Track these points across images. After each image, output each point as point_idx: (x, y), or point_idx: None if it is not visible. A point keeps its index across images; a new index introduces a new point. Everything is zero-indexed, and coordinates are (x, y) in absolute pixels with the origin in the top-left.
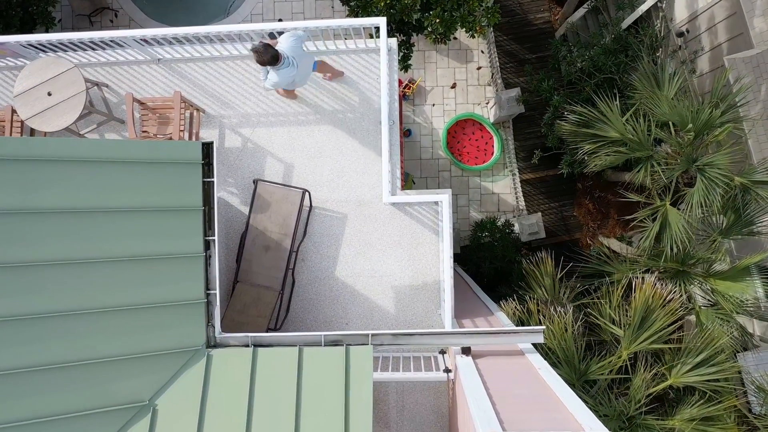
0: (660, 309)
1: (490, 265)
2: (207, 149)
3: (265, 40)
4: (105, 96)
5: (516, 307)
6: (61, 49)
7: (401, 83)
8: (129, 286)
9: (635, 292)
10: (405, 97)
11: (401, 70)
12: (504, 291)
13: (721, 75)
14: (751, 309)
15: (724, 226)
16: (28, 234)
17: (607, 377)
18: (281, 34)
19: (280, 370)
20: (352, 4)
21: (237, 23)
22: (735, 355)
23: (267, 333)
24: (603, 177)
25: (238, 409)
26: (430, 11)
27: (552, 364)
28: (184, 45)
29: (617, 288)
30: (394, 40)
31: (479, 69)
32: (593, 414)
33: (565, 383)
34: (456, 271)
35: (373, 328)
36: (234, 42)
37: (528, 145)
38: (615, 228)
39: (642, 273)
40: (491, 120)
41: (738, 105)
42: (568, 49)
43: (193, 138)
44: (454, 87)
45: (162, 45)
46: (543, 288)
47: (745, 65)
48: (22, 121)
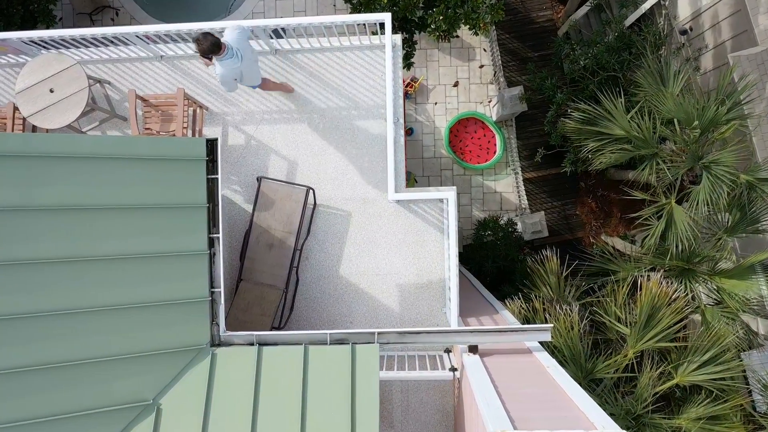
0: (666, 307)
1: (492, 264)
2: (211, 146)
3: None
4: (107, 93)
5: (522, 306)
6: (64, 46)
7: (403, 82)
8: (133, 284)
9: (641, 290)
10: (407, 96)
11: (403, 68)
12: (507, 290)
13: (727, 72)
14: (756, 307)
15: (729, 224)
16: (30, 232)
17: (614, 376)
18: (285, 30)
19: (285, 369)
20: (354, 1)
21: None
22: (739, 354)
23: (272, 331)
24: (605, 175)
25: (243, 409)
26: (433, 8)
27: (558, 362)
28: (188, 42)
29: (622, 286)
30: (398, 36)
31: (481, 67)
32: (605, 412)
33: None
34: (459, 270)
35: (378, 326)
36: None
37: (530, 144)
38: (618, 226)
39: (647, 271)
40: (494, 118)
41: (743, 102)
42: (570, 47)
43: (196, 135)
44: (456, 85)
45: (165, 42)
46: (548, 286)
47: (750, 63)
48: (24, 119)
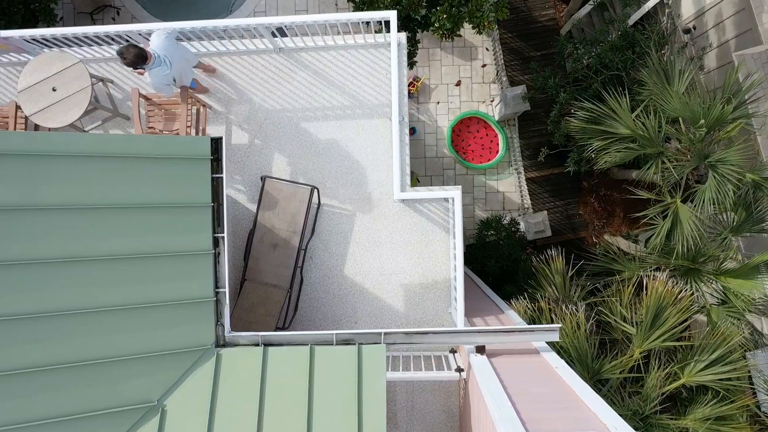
0: (672, 307)
1: (495, 264)
2: (216, 145)
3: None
4: (110, 92)
5: (527, 306)
6: (66, 45)
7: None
8: (136, 284)
9: (647, 289)
10: (409, 95)
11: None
12: (510, 290)
13: (733, 70)
14: (762, 307)
15: (734, 223)
16: (33, 231)
17: (620, 376)
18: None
19: (291, 369)
20: (357, 0)
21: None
22: (744, 354)
23: (277, 332)
24: (608, 175)
25: (248, 410)
26: (437, 7)
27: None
28: (192, 41)
29: (628, 286)
30: (403, 34)
31: (484, 66)
32: (616, 413)
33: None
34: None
35: (383, 326)
36: (241, 37)
37: (533, 143)
38: (621, 226)
39: (652, 271)
40: (496, 118)
41: (748, 101)
42: (573, 46)
43: (200, 134)
44: (458, 85)
45: None
46: (553, 286)
47: (755, 61)
48: (26, 117)
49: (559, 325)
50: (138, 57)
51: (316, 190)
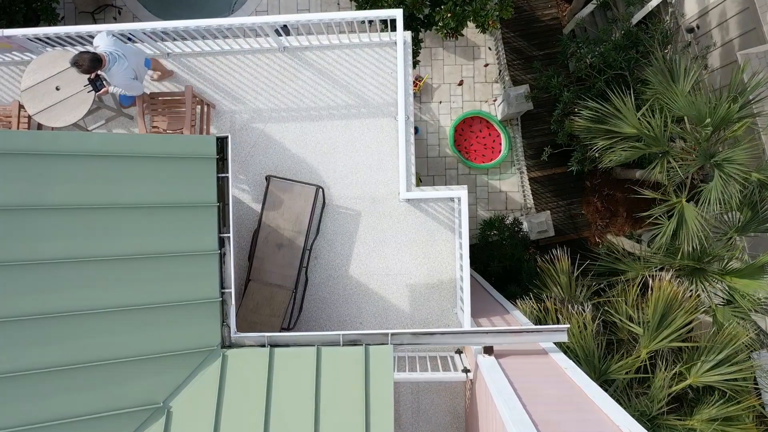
0: (679, 307)
1: (498, 264)
2: (221, 144)
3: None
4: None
5: (533, 306)
6: (69, 44)
7: None
8: (142, 284)
9: (653, 289)
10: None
11: None
12: (513, 290)
13: (739, 69)
14: (767, 307)
15: (740, 222)
16: (39, 231)
17: (627, 377)
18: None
19: (297, 370)
20: None
21: None
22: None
23: (283, 332)
24: (611, 174)
25: (255, 411)
26: (440, 6)
27: None
28: (195, 39)
29: (633, 286)
30: (409, 33)
31: (486, 66)
32: (628, 414)
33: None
34: None
35: (388, 327)
36: (246, 36)
37: (536, 143)
38: (623, 226)
39: (658, 271)
40: (499, 117)
41: (753, 101)
42: (576, 46)
43: (204, 134)
44: (461, 84)
45: (173, 39)
46: (559, 286)
47: (759, 60)
48: (29, 117)
49: (568, 326)
50: (93, 61)
51: (320, 189)
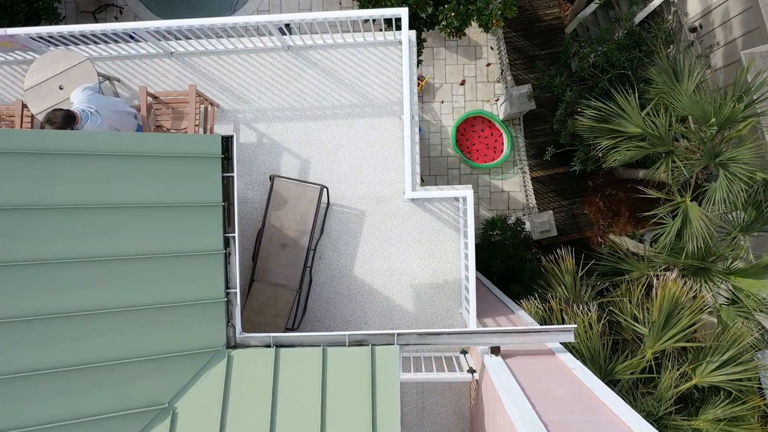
0: (684, 306)
1: (501, 264)
2: (227, 143)
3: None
4: (117, 90)
5: (539, 306)
6: (72, 43)
7: None
8: (146, 284)
9: (658, 289)
10: None
11: None
12: (516, 290)
13: (743, 68)
14: None
15: (744, 222)
16: (43, 231)
17: (632, 377)
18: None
19: (303, 371)
20: None
21: None
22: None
23: (288, 333)
24: (614, 174)
25: (260, 412)
26: (444, 5)
27: None
28: (199, 39)
29: (637, 286)
30: (413, 32)
31: (488, 66)
32: (639, 415)
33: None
34: None
35: (393, 327)
36: (250, 35)
37: (538, 143)
38: (626, 225)
39: (662, 270)
40: (501, 117)
41: (757, 100)
42: (579, 45)
43: (208, 133)
44: (463, 84)
45: (177, 38)
46: (563, 286)
47: (764, 60)
48: (32, 116)
49: (575, 326)
50: (66, 119)
51: (325, 189)
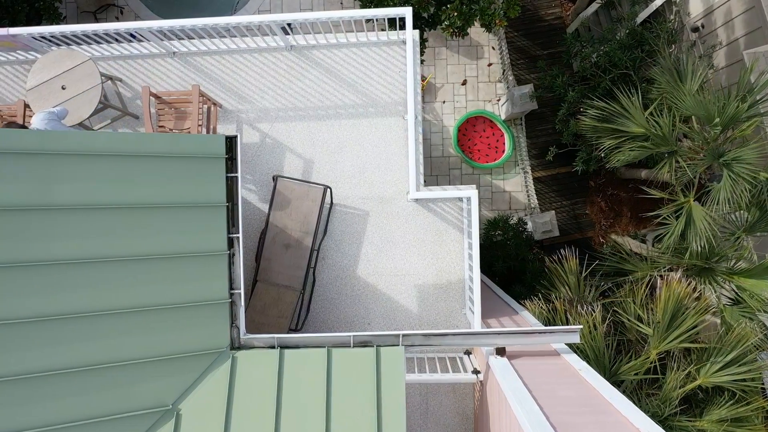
0: (689, 307)
1: (503, 264)
2: (230, 143)
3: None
4: (119, 90)
5: (543, 307)
6: (74, 42)
7: None
8: (150, 285)
9: (662, 289)
10: None
11: None
12: (518, 290)
13: (747, 68)
14: None
15: (748, 222)
16: (46, 231)
17: (637, 377)
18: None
19: (308, 372)
20: None
21: None
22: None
23: (293, 334)
24: (616, 174)
25: (265, 413)
26: (446, 4)
27: None
28: (202, 38)
29: (641, 286)
30: (417, 32)
31: (490, 65)
32: (647, 416)
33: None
34: None
35: (396, 327)
36: (253, 35)
37: (540, 143)
38: (628, 225)
39: (665, 271)
40: (502, 117)
41: (761, 100)
42: (581, 45)
43: (211, 133)
44: (464, 84)
45: (179, 38)
46: (567, 286)
47: (766, 60)
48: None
49: (580, 327)
50: None
51: (328, 189)
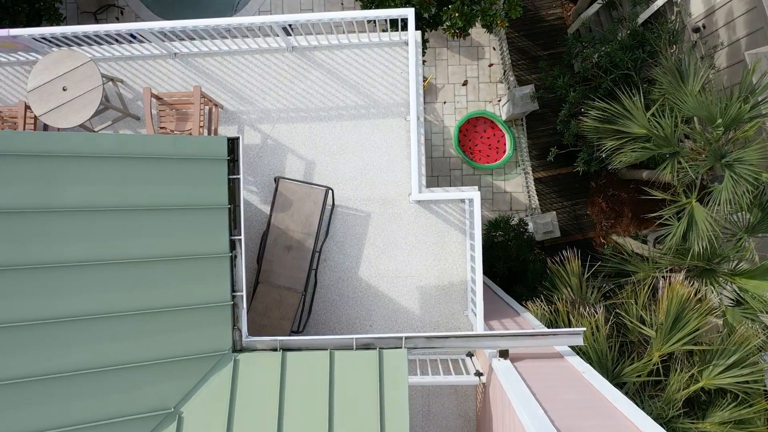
0: (692, 309)
1: (504, 265)
2: (232, 145)
3: None
4: (120, 91)
5: (545, 309)
6: (75, 43)
7: None
8: (152, 287)
9: (664, 290)
10: None
11: None
12: (519, 290)
13: (750, 69)
14: None
15: (750, 223)
16: (48, 234)
17: (639, 380)
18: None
19: (310, 375)
20: None
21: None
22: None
23: (295, 336)
24: (617, 175)
25: (267, 416)
26: (448, 5)
27: None
28: (203, 39)
29: (643, 287)
30: (419, 32)
31: (491, 66)
32: (653, 420)
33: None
34: None
35: (398, 329)
36: (254, 36)
37: (540, 143)
38: (629, 226)
39: (667, 272)
40: (503, 117)
41: (763, 101)
42: (582, 45)
43: (212, 134)
44: (465, 84)
45: (180, 39)
46: (569, 288)
47: None
48: (35, 117)
49: (584, 329)
50: None
51: (330, 190)
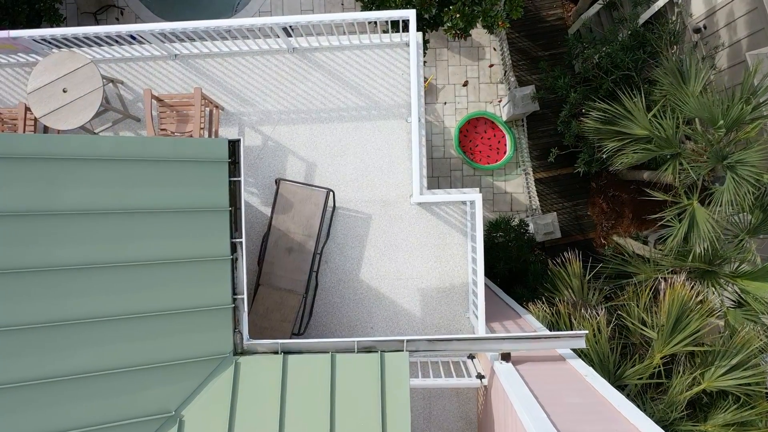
0: (694, 310)
1: (504, 266)
2: (233, 147)
3: None
4: (120, 93)
5: (546, 311)
6: (75, 45)
7: None
8: (153, 290)
9: (666, 292)
10: None
11: None
12: (520, 291)
13: (751, 70)
14: None
15: (751, 224)
16: (48, 237)
17: (641, 382)
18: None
19: (311, 378)
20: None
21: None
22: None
23: (296, 339)
24: (617, 176)
25: (268, 420)
26: (449, 6)
27: None
28: (204, 41)
29: (644, 289)
30: (420, 34)
31: (491, 66)
32: (656, 424)
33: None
34: None
35: (400, 331)
36: (255, 37)
37: (541, 144)
38: (629, 227)
39: (669, 273)
40: (504, 118)
41: (764, 102)
42: (583, 46)
43: (213, 136)
44: (465, 85)
45: (181, 40)
46: (570, 289)
47: None
48: (35, 119)
49: (586, 332)
50: None
51: (331, 192)
